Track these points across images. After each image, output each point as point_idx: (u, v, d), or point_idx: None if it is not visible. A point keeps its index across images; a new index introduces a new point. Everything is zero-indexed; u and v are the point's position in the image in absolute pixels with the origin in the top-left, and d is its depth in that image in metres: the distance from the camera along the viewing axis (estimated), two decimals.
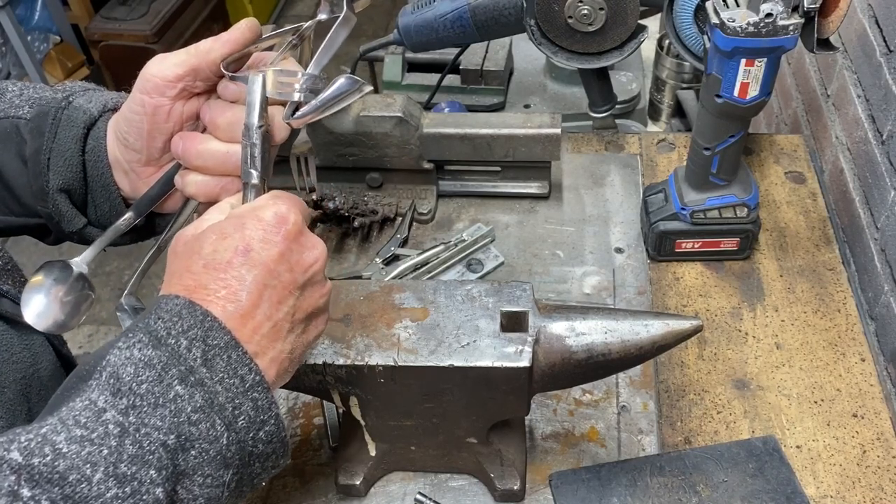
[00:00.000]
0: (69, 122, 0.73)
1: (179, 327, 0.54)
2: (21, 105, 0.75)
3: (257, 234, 0.59)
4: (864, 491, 0.94)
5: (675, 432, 1.01)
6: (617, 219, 1.29)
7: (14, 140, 0.74)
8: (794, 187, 1.32)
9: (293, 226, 0.61)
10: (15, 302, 0.74)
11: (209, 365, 0.54)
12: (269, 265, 0.59)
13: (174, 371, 0.53)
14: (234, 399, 0.55)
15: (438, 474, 0.97)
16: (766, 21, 0.92)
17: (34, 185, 0.74)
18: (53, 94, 0.76)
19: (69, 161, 0.73)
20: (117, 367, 0.52)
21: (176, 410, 0.52)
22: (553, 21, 1.23)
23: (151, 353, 0.53)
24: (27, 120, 0.74)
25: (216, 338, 0.55)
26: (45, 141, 0.72)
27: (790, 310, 1.14)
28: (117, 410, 0.51)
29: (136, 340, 0.54)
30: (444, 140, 1.25)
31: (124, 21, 3.31)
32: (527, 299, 0.84)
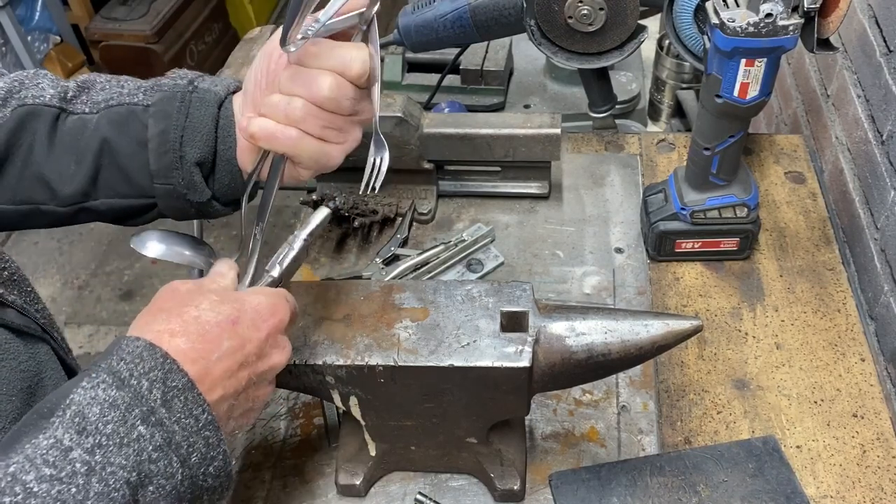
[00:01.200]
0: (201, 103, 0.79)
1: (141, 369, 0.58)
2: (133, 94, 0.81)
3: (249, 316, 0.66)
4: (864, 491, 0.94)
5: (675, 432, 1.01)
6: (617, 219, 1.30)
7: (131, 124, 0.79)
8: (794, 187, 1.32)
9: (279, 323, 0.70)
10: (21, 312, 0.74)
11: (168, 405, 0.58)
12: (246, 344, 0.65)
13: (137, 412, 0.56)
14: (189, 437, 0.58)
15: (438, 474, 0.97)
16: (766, 21, 0.93)
17: (155, 165, 0.79)
18: (172, 81, 0.81)
19: (206, 136, 0.78)
20: (82, 406, 0.55)
21: (139, 450, 0.55)
22: (553, 21, 1.23)
23: (115, 394, 0.56)
24: (145, 106, 0.80)
25: (175, 379, 0.59)
26: (175, 121, 0.78)
27: (790, 310, 1.14)
28: (83, 449, 0.53)
29: (101, 381, 0.56)
30: (444, 140, 1.25)
31: (124, 21, 3.31)
32: (527, 299, 0.84)
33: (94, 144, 0.79)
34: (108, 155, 0.80)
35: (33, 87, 0.81)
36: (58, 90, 0.81)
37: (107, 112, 0.80)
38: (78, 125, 0.80)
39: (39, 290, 0.82)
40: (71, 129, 0.80)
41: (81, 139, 0.79)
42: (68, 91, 0.81)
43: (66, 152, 0.79)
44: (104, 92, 0.82)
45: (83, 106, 0.81)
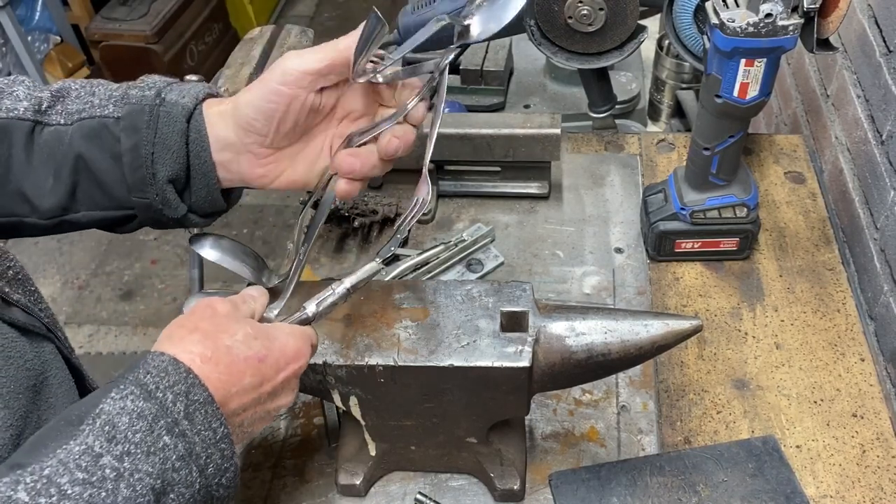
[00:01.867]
0: (168, 118, 0.78)
1: (166, 382, 0.61)
2: (104, 105, 0.80)
3: (274, 356, 0.70)
4: (864, 491, 0.94)
5: (674, 432, 1.02)
6: (617, 219, 1.30)
7: (103, 138, 0.79)
8: (794, 187, 1.32)
9: (299, 369, 0.73)
10: (26, 311, 0.75)
11: (190, 418, 0.61)
12: (265, 383, 0.69)
13: (162, 423, 0.59)
14: (207, 449, 0.62)
15: (438, 474, 0.97)
16: (766, 21, 0.93)
17: (130, 179, 0.79)
18: (140, 92, 0.80)
19: (176, 153, 0.78)
20: (112, 415, 0.58)
21: (164, 458, 0.59)
22: (553, 21, 1.24)
23: (143, 405, 0.59)
24: (116, 118, 0.79)
25: (196, 394, 0.62)
26: (145, 136, 0.78)
27: (790, 310, 1.14)
28: (113, 456, 0.56)
29: (129, 392, 0.60)
30: (444, 140, 1.25)
31: (124, 21, 3.31)
32: (527, 299, 0.84)
33: (69, 159, 0.79)
34: (84, 169, 0.79)
35: (8, 97, 0.80)
36: (32, 102, 0.80)
37: (80, 125, 0.79)
38: (53, 138, 0.79)
39: (40, 289, 0.82)
40: (47, 143, 0.79)
41: (58, 153, 0.79)
42: (42, 102, 0.80)
43: (42, 166, 0.79)
44: (78, 101, 0.81)
45: (58, 117, 0.80)
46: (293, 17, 4.25)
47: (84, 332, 2.76)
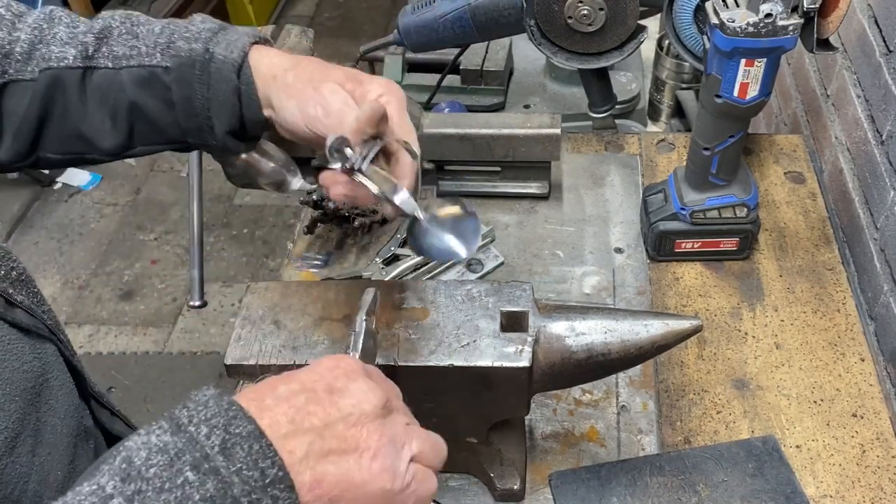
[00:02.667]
0: (220, 76, 0.80)
1: (202, 415, 0.52)
2: (151, 53, 0.81)
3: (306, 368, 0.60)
4: (864, 491, 0.95)
5: (674, 432, 1.02)
6: (617, 219, 1.30)
7: (155, 86, 0.81)
8: (794, 187, 1.32)
9: (346, 367, 0.60)
10: (29, 313, 0.74)
11: (227, 453, 0.51)
12: (307, 382, 0.58)
13: (188, 457, 0.50)
14: (252, 493, 0.50)
15: (438, 474, 0.97)
16: (766, 21, 0.93)
17: (186, 124, 0.82)
18: (187, 45, 0.81)
19: (231, 110, 0.80)
20: (132, 451, 0.51)
21: (182, 497, 0.49)
22: (553, 21, 1.24)
23: (168, 439, 0.51)
24: (165, 68, 0.80)
25: (238, 427, 0.52)
26: (197, 92, 0.80)
27: (790, 310, 1.14)
28: (124, 497, 0.48)
29: (157, 427, 0.52)
30: (444, 140, 1.25)
31: None
32: (527, 299, 0.84)
33: (123, 105, 0.82)
34: (138, 113, 0.82)
35: (54, 43, 0.81)
36: (78, 48, 0.81)
37: (129, 71, 0.81)
38: (104, 81, 0.82)
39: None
40: (99, 86, 0.82)
41: (110, 97, 0.82)
42: (88, 47, 0.81)
43: (98, 109, 0.82)
44: (122, 43, 0.82)
45: (105, 60, 0.82)
46: (293, 17, 4.25)
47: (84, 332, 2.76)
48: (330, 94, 0.76)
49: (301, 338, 0.84)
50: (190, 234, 1.17)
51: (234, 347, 0.84)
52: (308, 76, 0.78)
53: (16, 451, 0.66)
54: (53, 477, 0.71)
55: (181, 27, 0.83)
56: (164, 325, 2.78)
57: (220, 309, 2.81)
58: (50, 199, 3.28)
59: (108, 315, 2.84)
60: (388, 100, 0.78)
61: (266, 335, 0.84)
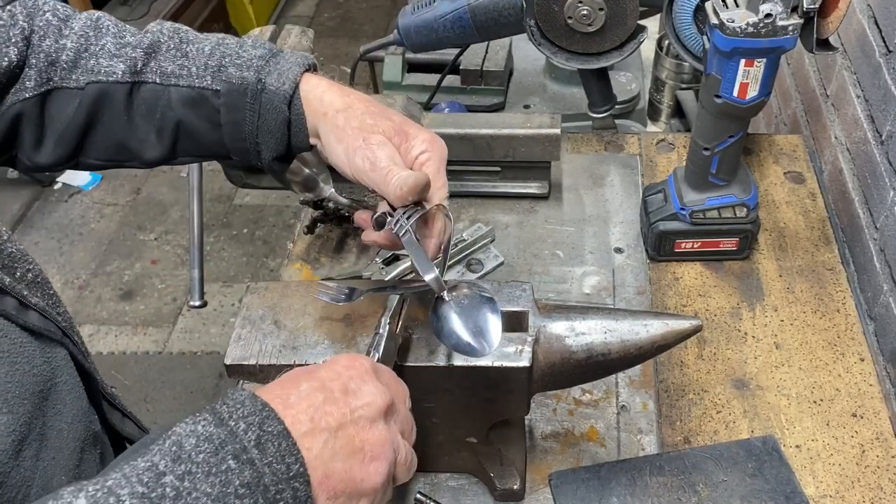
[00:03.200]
0: (271, 106, 0.81)
1: (240, 412, 0.59)
2: (202, 76, 0.83)
3: (326, 365, 0.67)
4: (864, 490, 0.95)
5: (674, 432, 1.02)
6: (617, 219, 1.30)
7: (203, 107, 0.82)
8: (794, 187, 1.33)
9: (359, 366, 0.67)
10: (43, 315, 0.75)
11: (261, 448, 0.58)
12: (326, 382, 0.64)
13: (229, 448, 0.57)
14: (278, 483, 0.58)
15: (438, 474, 0.97)
16: (766, 21, 0.93)
17: (232, 145, 0.84)
18: (239, 72, 0.82)
19: (280, 139, 0.82)
20: (181, 437, 0.58)
21: (226, 481, 0.56)
22: (553, 21, 1.24)
23: (212, 430, 0.58)
24: (215, 92, 0.82)
25: (271, 426, 0.59)
26: (248, 117, 0.82)
27: (789, 310, 1.14)
28: (175, 476, 0.55)
29: (202, 419, 0.59)
30: (444, 140, 1.25)
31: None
32: (527, 299, 0.85)
33: (170, 122, 0.83)
34: (184, 131, 0.84)
35: (102, 55, 0.83)
36: (127, 63, 0.82)
37: (178, 90, 0.82)
38: (151, 96, 0.83)
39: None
40: (145, 100, 0.83)
41: (156, 111, 0.83)
42: (137, 62, 0.83)
43: (143, 122, 0.84)
44: (171, 61, 0.83)
45: (153, 75, 0.83)
46: (293, 17, 4.25)
47: (84, 332, 2.76)
48: (378, 149, 0.78)
49: (301, 338, 0.84)
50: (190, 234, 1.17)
51: (234, 347, 0.84)
52: (358, 123, 0.79)
53: (21, 455, 0.67)
54: (57, 481, 0.72)
55: (232, 50, 0.84)
56: (164, 325, 2.79)
57: (220, 309, 2.82)
58: (50, 199, 3.28)
59: (108, 315, 2.84)
60: (429, 156, 0.81)
61: (266, 335, 0.85)
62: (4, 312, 0.70)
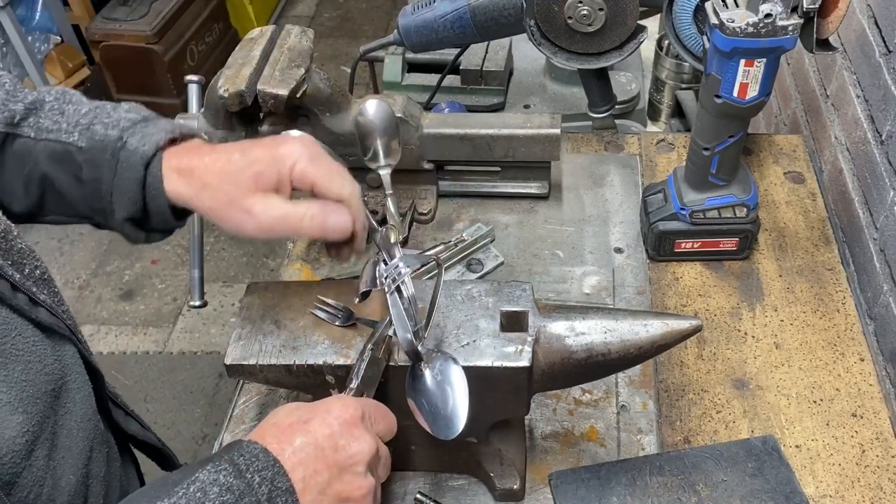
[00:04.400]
0: (127, 164, 0.81)
1: (255, 466, 0.66)
2: (70, 131, 0.83)
3: (319, 416, 0.72)
4: (864, 490, 0.95)
5: (674, 432, 1.02)
6: (616, 219, 1.30)
7: (67, 162, 0.82)
8: (794, 187, 1.33)
9: (350, 417, 0.73)
10: (51, 312, 0.75)
11: (272, 501, 0.66)
12: (319, 439, 0.71)
13: (247, 499, 0.64)
14: None
15: (438, 474, 0.97)
16: (766, 21, 0.93)
17: (94, 204, 0.83)
18: (104, 130, 0.82)
19: (133, 198, 0.81)
20: (205, 484, 0.64)
21: None
22: (553, 21, 1.24)
23: (233, 481, 0.65)
24: (79, 148, 0.82)
25: (280, 482, 0.67)
26: (105, 176, 0.81)
27: (789, 310, 1.14)
28: None
29: (223, 468, 0.65)
30: (444, 140, 1.25)
31: (125, 21, 3.31)
32: (526, 299, 0.85)
33: (36, 174, 0.83)
34: (49, 186, 0.84)
35: None
36: (6, 114, 0.83)
37: (46, 144, 0.82)
38: (23, 150, 0.83)
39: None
40: (16, 154, 0.83)
41: (26, 165, 0.83)
42: (16, 115, 0.83)
43: (13, 175, 0.83)
44: (49, 118, 0.83)
45: (29, 129, 0.83)
46: (293, 18, 4.25)
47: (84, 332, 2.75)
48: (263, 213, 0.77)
49: (301, 338, 0.84)
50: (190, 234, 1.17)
51: (234, 347, 0.84)
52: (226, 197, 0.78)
53: (34, 455, 0.67)
54: (66, 481, 0.72)
55: (106, 112, 0.84)
56: (164, 325, 2.79)
57: (220, 309, 2.82)
58: None
59: (109, 315, 2.84)
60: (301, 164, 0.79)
61: (266, 335, 0.85)
62: (18, 308, 0.70)
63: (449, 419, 0.76)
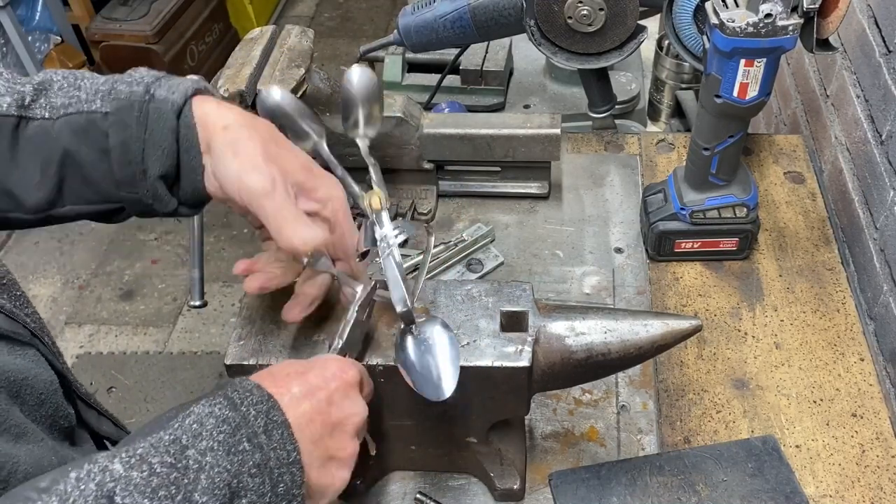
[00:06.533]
0: (159, 115, 0.77)
1: (250, 400, 0.66)
2: (91, 100, 0.79)
3: (316, 370, 0.72)
4: (864, 490, 0.95)
5: (674, 432, 1.02)
6: (616, 219, 1.30)
7: (91, 133, 0.78)
8: (794, 187, 1.33)
9: (348, 378, 0.73)
10: (9, 317, 0.73)
11: (268, 434, 0.65)
12: (316, 391, 0.70)
13: (244, 431, 0.64)
14: (280, 467, 0.65)
15: (438, 474, 0.97)
16: (766, 21, 0.93)
17: (119, 174, 0.79)
18: (128, 88, 0.79)
19: (167, 150, 0.77)
20: (201, 416, 0.63)
21: (241, 461, 0.62)
22: (553, 21, 1.24)
23: (228, 413, 0.64)
24: (104, 114, 0.78)
25: (275, 415, 0.66)
26: (135, 133, 0.77)
27: (789, 310, 1.14)
28: (197, 450, 0.60)
29: (217, 402, 0.65)
30: (444, 140, 1.25)
31: (125, 21, 3.31)
32: (526, 299, 0.85)
33: (56, 154, 0.78)
34: (71, 164, 0.79)
35: None
36: (14, 97, 0.79)
37: (66, 119, 0.78)
38: (39, 133, 0.79)
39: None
40: (32, 138, 0.79)
41: (43, 148, 0.79)
42: (25, 96, 0.79)
43: (28, 162, 0.79)
44: (62, 94, 0.80)
45: (42, 111, 0.79)
46: (293, 18, 4.25)
47: (84, 332, 2.76)
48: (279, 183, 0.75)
49: (301, 338, 0.84)
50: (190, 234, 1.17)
51: (234, 347, 0.84)
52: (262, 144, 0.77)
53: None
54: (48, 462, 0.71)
55: (124, 77, 0.80)
56: (164, 325, 2.78)
57: (220, 309, 2.81)
58: None
59: (109, 315, 2.84)
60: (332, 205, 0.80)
61: (266, 335, 0.85)
62: None
63: (439, 381, 0.76)
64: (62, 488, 0.53)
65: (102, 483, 0.54)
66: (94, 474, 0.55)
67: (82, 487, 0.54)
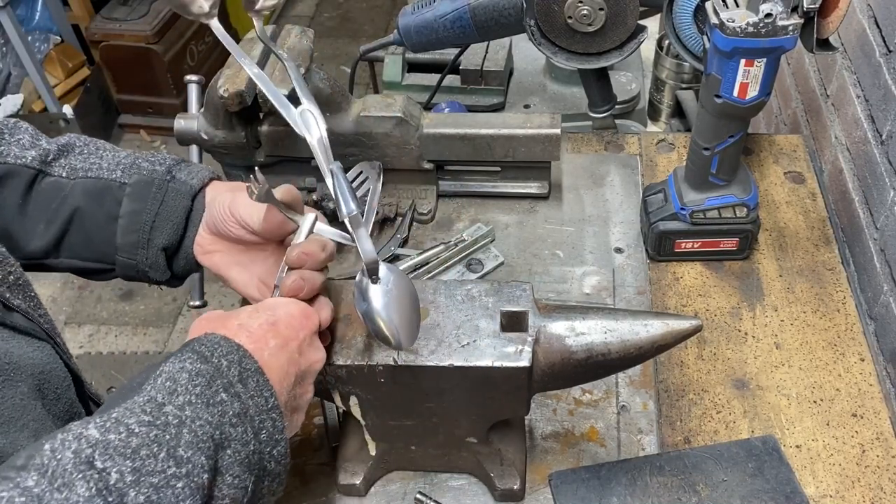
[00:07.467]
0: (177, 194, 0.86)
1: (220, 351, 0.66)
2: (112, 169, 0.87)
3: (284, 320, 0.73)
4: (864, 490, 0.95)
5: (674, 432, 1.02)
6: (617, 219, 1.30)
7: (105, 198, 0.86)
8: (794, 187, 1.33)
9: (313, 325, 0.75)
10: (26, 317, 0.75)
11: (244, 383, 0.65)
12: (289, 341, 0.72)
13: (219, 382, 0.64)
14: (260, 414, 0.65)
15: (438, 474, 0.97)
16: (766, 21, 0.93)
17: (121, 240, 0.86)
18: (151, 166, 0.87)
19: (176, 225, 0.86)
20: (173, 373, 0.63)
21: (221, 412, 0.62)
22: (553, 21, 1.24)
23: (200, 367, 0.64)
24: (122, 184, 0.86)
25: (248, 364, 0.67)
26: (150, 205, 0.86)
27: (789, 310, 1.14)
28: (175, 406, 0.60)
29: (187, 357, 0.64)
30: (444, 140, 1.25)
31: (125, 21, 3.31)
32: (527, 299, 0.84)
33: (65, 210, 0.85)
34: (77, 221, 0.86)
35: (15, 145, 0.85)
36: (39, 152, 0.85)
37: (83, 182, 0.86)
38: (53, 188, 0.86)
39: (39, 290, 0.83)
40: (45, 192, 0.85)
41: (54, 203, 0.85)
42: (49, 154, 0.86)
43: (37, 213, 0.86)
44: (83, 158, 0.87)
45: (61, 170, 0.86)
46: (293, 18, 4.25)
47: (84, 332, 2.76)
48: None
49: None
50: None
51: None
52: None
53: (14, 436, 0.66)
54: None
55: (147, 155, 0.89)
56: (164, 325, 2.78)
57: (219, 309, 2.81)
58: None
59: (108, 315, 2.84)
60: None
61: None
62: None
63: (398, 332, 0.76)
64: (38, 461, 0.53)
65: (79, 450, 0.54)
66: (69, 442, 0.54)
67: (59, 457, 0.53)
